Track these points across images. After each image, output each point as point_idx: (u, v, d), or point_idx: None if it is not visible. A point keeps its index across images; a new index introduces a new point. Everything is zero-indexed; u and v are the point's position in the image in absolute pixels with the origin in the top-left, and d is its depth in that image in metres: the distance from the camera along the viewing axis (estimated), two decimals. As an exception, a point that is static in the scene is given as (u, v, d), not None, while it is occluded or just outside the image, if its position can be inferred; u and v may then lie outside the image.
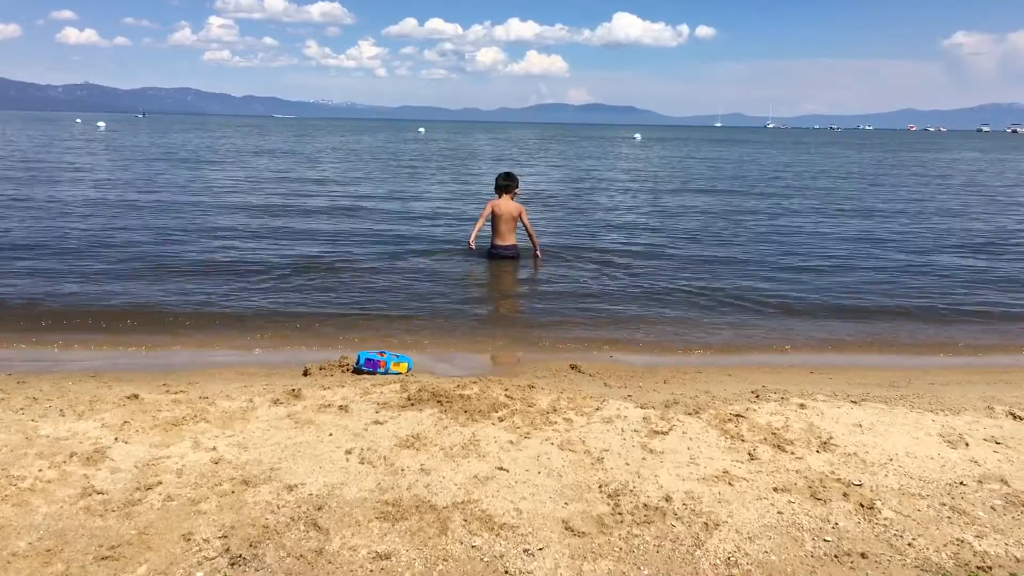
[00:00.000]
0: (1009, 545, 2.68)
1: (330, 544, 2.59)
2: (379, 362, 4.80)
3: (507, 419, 3.76)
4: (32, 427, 3.56)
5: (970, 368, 5.72)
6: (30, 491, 2.90)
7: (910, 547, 2.66)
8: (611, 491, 3.01)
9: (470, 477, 3.11)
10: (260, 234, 10.98)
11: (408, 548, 2.58)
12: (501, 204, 8.98)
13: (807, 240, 11.75)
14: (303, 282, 7.92)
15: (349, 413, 3.82)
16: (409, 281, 8.08)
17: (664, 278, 8.54)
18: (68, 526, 2.67)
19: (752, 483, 3.12)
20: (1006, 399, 4.47)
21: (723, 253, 10.36)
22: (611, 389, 4.66)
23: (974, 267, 9.78)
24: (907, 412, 4.05)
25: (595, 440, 3.53)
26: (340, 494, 2.94)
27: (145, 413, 3.76)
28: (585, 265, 9.16)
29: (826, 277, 8.85)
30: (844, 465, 3.33)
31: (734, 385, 4.79)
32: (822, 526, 2.79)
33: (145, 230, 11.00)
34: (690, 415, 3.90)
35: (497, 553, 2.57)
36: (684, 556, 2.59)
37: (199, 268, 8.47)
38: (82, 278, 7.83)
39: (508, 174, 9.22)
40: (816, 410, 4.03)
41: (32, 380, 4.58)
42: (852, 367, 5.65)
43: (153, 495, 2.90)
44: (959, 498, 3.03)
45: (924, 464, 3.36)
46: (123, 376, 4.79)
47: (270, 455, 3.29)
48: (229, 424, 3.65)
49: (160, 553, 2.52)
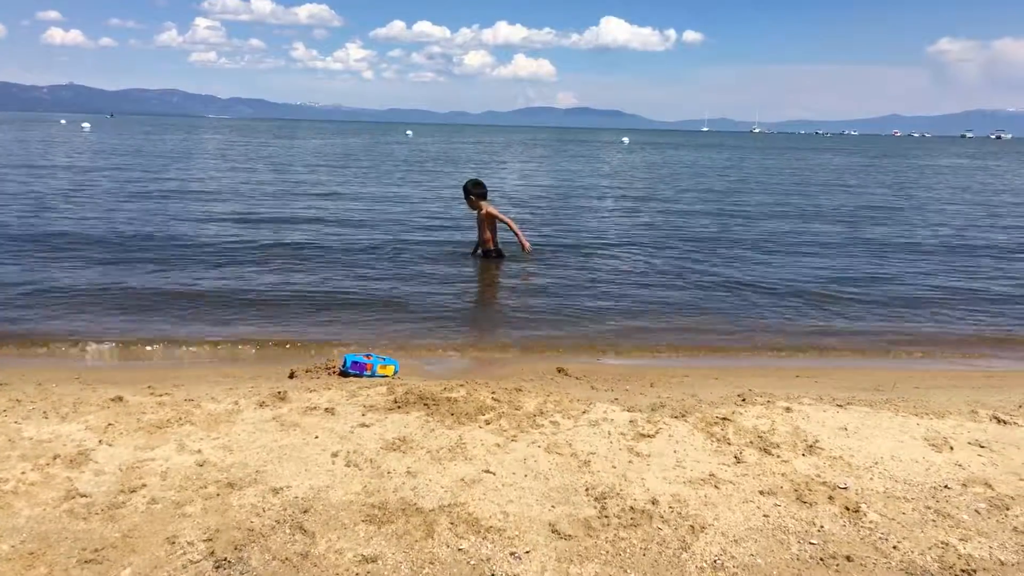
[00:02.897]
0: (993, 548, 2.70)
1: (316, 547, 2.58)
2: (366, 365, 4.78)
3: (494, 422, 3.75)
4: (15, 429, 3.52)
5: (954, 372, 5.76)
6: (13, 494, 2.87)
7: (895, 550, 2.67)
8: (598, 494, 3.01)
9: (457, 480, 3.10)
10: (243, 237, 10.92)
11: (394, 551, 2.57)
12: (487, 209, 9.31)
13: (794, 244, 11.82)
14: (289, 284, 7.89)
15: (335, 416, 3.81)
16: (395, 283, 8.08)
17: (651, 282, 8.57)
18: (51, 529, 2.64)
19: (738, 486, 3.13)
20: (990, 403, 4.50)
21: (710, 257, 10.40)
22: (598, 392, 4.66)
23: (961, 272, 9.85)
24: (892, 416, 4.08)
25: (582, 443, 3.53)
26: (326, 497, 2.93)
27: (129, 415, 3.73)
28: (572, 268, 9.18)
29: (812, 281, 8.89)
30: (830, 468, 3.35)
31: (720, 388, 4.81)
32: (808, 529, 2.80)
33: (130, 228, 10.92)
34: (677, 418, 3.91)
35: (484, 556, 2.56)
36: (671, 559, 2.59)
37: (184, 270, 8.42)
38: (66, 277, 7.76)
39: (480, 181, 9.56)
40: (802, 413, 4.05)
41: (15, 382, 4.53)
42: (837, 370, 5.68)
43: (137, 498, 2.87)
44: (944, 501, 3.05)
45: (909, 467, 3.38)
46: (107, 378, 4.75)
47: (256, 458, 3.27)
48: (214, 426, 3.63)
49: (144, 556, 2.50)
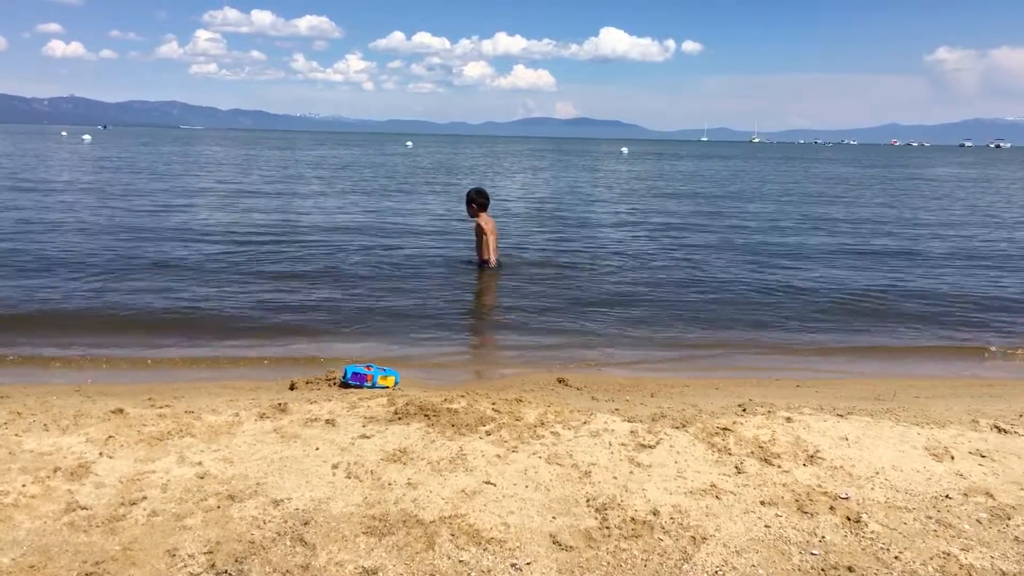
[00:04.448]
0: (995, 558, 2.70)
1: (316, 559, 2.57)
2: (366, 376, 4.78)
3: (494, 433, 3.75)
4: (16, 442, 3.52)
5: (955, 381, 5.76)
6: (13, 506, 2.87)
7: (896, 560, 2.67)
8: (599, 505, 3.01)
9: (457, 491, 3.10)
10: (243, 248, 10.93)
11: (395, 563, 2.57)
12: (488, 221, 9.34)
13: (792, 255, 11.82)
14: (288, 296, 7.90)
15: (336, 427, 3.80)
16: (396, 294, 8.08)
17: (651, 291, 8.58)
18: (52, 542, 2.64)
19: (739, 497, 3.13)
20: (991, 412, 4.50)
21: (710, 267, 10.40)
22: (598, 402, 4.66)
23: (961, 282, 9.86)
24: (893, 425, 4.07)
25: (582, 454, 3.53)
26: (327, 509, 2.93)
27: (130, 427, 3.73)
28: (572, 278, 9.19)
29: (813, 291, 8.90)
30: (831, 478, 3.34)
31: (721, 398, 4.80)
32: (809, 539, 2.80)
33: (127, 241, 10.95)
34: (677, 429, 3.90)
35: (485, 568, 2.56)
36: (672, 570, 2.59)
37: (184, 282, 8.42)
38: (66, 290, 7.77)
39: (483, 191, 9.46)
40: (803, 423, 4.04)
41: (16, 394, 4.53)
42: (838, 380, 5.68)
43: (138, 510, 2.87)
44: (945, 511, 3.05)
45: (910, 477, 3.38)
46: (108, 390, 4.76)
47: (256, 470, 3.27)
48: (215, 438, 3.63)
49: (145, 569, 2.49)
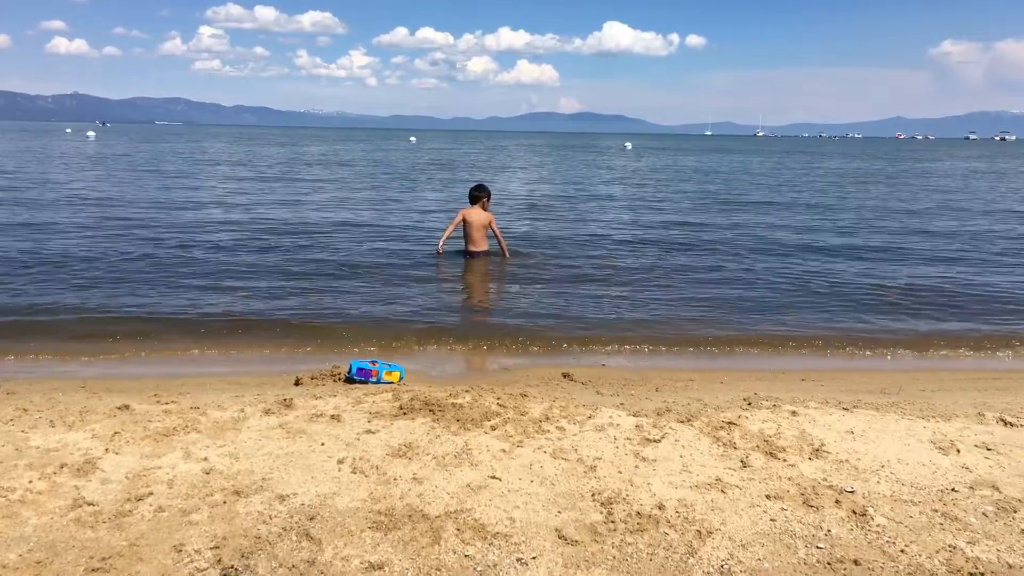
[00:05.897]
0: (1001, 551, 2.69)
1: (322, 554, 2.58)
2: (371, 371, 4.78)
3: (499, 428, 3.75)
4: (22, 438, 3.53)
5: (960, 374, 5.74)
6: (20, 503, 2.88)
7: (902, 553, 2.66)
8: (604, 499, 3.01)
9: (463, 486, 3.10)
10: (247, 245, 10.94)
11: (401, 558, 2.57)
12: (472, 213, 9.59)
13: (798, 249, 11.80)
14: (293, 292, 7.90)
15: (341, 423, 3.81)
16: (401, 289, 8.07)
17: (656, 286, 8.56)
18: (58, 538, 2.65)
19: (745, 490, 3.13)
20: (996, 405, 4.49)
21: (715, 262, 10.38)
22: (603, 397, 4.66)
23: (967, 275, 9.83)
24: (898, 419, 4.07)
25: (588, 448, 3.53)
26: (332, 504, 2.93)
27: (136, 424, 3.74)
28: (576, 273, 9.17)
29: (817, 286, 8.87)
30: (836, 472, 3.34)
31: (726, 393, 4.80)
32: (815, 533, 2.80)
33: (134, 240, 10.96)
34: (682, 423, 3.90)
35: (490, 562, 2.56)
36: (678, 564, 2.59)
37: (188, 278, 8.43)
38: (71, 288, 7.79)
39: (480, 186, 9.84)
40: (808, 417, 4.04)
41: (22, 391, 4.55)
42: (843, 373, 5.67)
43: (144, 506, 2.88)
44: (951, 504, 3.04)
45: (916, 471, 3.38)
46: (113, 387, 4.77)
47: (262, 465, 3.28)
48: (220, 434, 3.64)
49: (151, 564, 2.50)
